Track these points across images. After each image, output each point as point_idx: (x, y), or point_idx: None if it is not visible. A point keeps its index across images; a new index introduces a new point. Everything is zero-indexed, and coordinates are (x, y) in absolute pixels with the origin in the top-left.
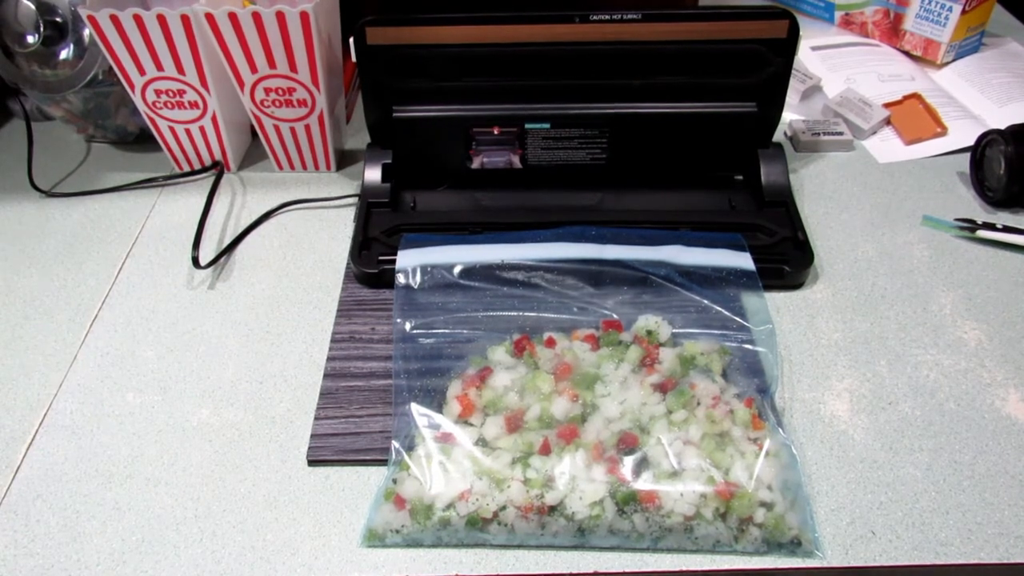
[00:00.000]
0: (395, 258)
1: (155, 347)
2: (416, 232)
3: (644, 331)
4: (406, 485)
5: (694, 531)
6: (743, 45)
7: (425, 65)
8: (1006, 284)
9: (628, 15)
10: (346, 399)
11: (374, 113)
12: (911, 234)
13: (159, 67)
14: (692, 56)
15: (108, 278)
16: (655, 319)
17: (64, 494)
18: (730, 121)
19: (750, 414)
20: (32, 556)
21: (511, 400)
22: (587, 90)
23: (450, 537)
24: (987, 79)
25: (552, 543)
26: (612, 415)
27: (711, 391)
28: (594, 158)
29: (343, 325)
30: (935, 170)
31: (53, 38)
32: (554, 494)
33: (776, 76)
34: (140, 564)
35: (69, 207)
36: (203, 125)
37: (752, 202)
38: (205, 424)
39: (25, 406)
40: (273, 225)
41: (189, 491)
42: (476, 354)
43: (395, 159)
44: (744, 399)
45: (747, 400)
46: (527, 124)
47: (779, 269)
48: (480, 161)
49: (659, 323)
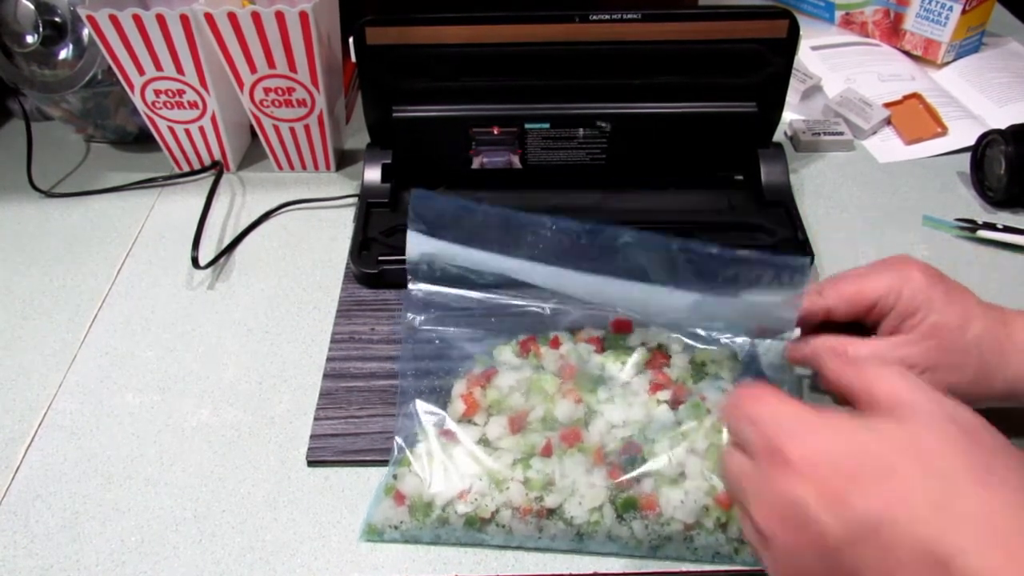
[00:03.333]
0: (394, 258)
1: (155, 347)
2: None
3: (655, 342)
4: (406, 481)
5: (693, 540)
6: (743, 45)
7: (425, 65)
8: (1006, 284)
9: (628, 15)
10: (346, 399)
11: (374, 113)
12: (911, 234)
13: (158, 67)
14: (692, 56)
15: (108, 278)
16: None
17: (64, 494)
18: (730, 121)
19: None
20: (32, 556)
21: (515, 400)
22: (587, 90)
23: (448, 535)
24: (987, 79)
25: (550, 546)
26: (615, 420)
27: (721, 402)
28: (594, 158)
29: (343, 325)
30: (935, 170)
31: (52, 38)
32: (554, 497)
33: (776, 76)
34: (140, 564)
35: (68, 207)
36: (202, 125)
37: (752, 202)
38: (205, 424)
39: (24, 406)
40: (273, 225)
41: (188, 491)
42: (482, 353)
43: (395, 159)
44: None
45: None
46: (527, 124)
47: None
48: (480, 161)
49: (670, 336)
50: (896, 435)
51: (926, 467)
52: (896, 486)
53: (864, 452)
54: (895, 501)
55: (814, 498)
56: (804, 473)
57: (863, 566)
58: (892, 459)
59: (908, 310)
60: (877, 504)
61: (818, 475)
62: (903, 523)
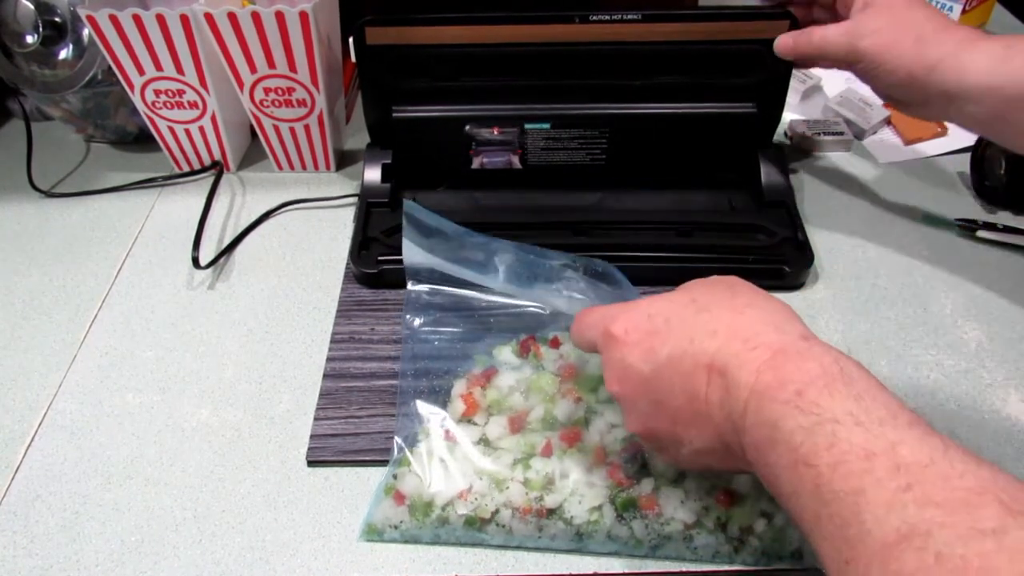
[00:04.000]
0: (394, 258)
1: (154, 347)
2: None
3: None
4: (406, 481)
5: (693, 540)
6: (743, 45)
7: (425, 65)
8: (1007, 284)
9: (628, 15)
10: (346, 400)
11: (373, 113)
12: (911, 234)
13: (158, 67)
14: (692, 56)
15: (107, 278)
16: None
17: (63, 494)
18: (730, 122)
19: None
20: (31, 556)
21: (515, 400)
22: (587, 90)
23: (448, 535)
24: None
25: (550, 546)
26: (615, 420)
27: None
28: (594, 159)
29: (343, 325)
30: (935, 170)
31: (52, 38)
32: (553, 497)
33: (776, 77)
34: (139, 564)
35: (68, 207)
36: (202, 125)
37: (752, 202)
38: (204, 425)
39: (24, 406)
40: (273, 225)
41: (188, 491)
42: (482, 354)
43: (395, 159)
44: None
45: None
46: (527, 124)
47: (779, 270)
48: (480, 161)
49: None
50: (678, 295)
51: (699, 309)
52: (680, 328)
53: (658, 314)
54: (681, 338)
55: (632, 354)
56: (623, 340)
57: (671, 390)
58: (676, 311)
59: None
60: (671, 345)
61: (631, 339)
62: (688, 352)
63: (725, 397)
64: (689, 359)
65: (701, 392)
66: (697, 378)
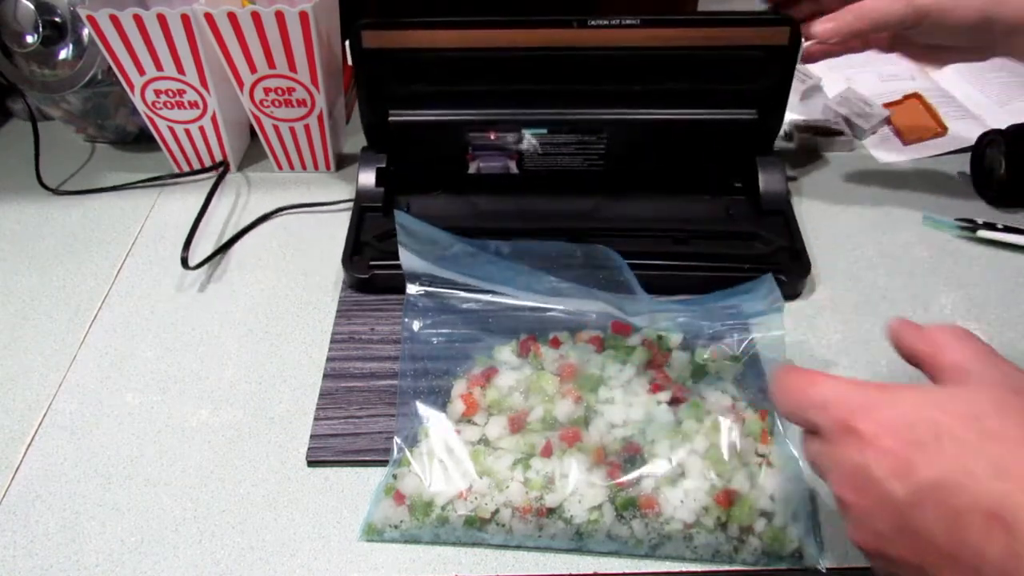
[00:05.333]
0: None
1: (154, 347)
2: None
3: (654, 336)
4: (406, 481)
5: (693, 539)
6: (744, 52)
7: (421, 69)
8: (1007, 284)
9: (627, 20)
10: (346, 400)
11: (369, 117)
12: (911, 234)
13: (158, 67)
14: (691, 62)
15: (107, 278)
16: (666, 322)
17: (63, 494)
18: (729, 128)
19: (761, 428)
20: (31, 556)
21: (515, 400)
22: (585, 96)
23: (448, 535)
24: (987, 79)
25: (550, 545)
26: (615, 420)
27: (722, 403)
28: (591, 164)
29: (343, 325)
30: (935, 170)
31: (52, 38)
32: (553, 496)
33: (777, 83)
34: (139, 564)
35: (68, 207)
36: (203, 125)
37: (750, 210)
38: (204, 425)
39: (24, 406)
40: (273, 225)
41: (188, 492)
42: (482, 354)
43: (390, 163)
44: (759, 410)
45: (762, 412)
46: (524, 129)
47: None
48: (476, 166)
49: (669, 328)
50: (958, 404)
51: (986, 434)
52: (957, 452)
53: (927, 421)
54: (956, 466)
55: (881, 465)
56: (872, 444)
57: (930, 526)
58: (953, 427)
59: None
60: (939, 469)
61: (884, 445)
62: (964, 486)
63: (1007, 556)
64: (965, 496)
65: (972, 540)
66: (971, 523)
